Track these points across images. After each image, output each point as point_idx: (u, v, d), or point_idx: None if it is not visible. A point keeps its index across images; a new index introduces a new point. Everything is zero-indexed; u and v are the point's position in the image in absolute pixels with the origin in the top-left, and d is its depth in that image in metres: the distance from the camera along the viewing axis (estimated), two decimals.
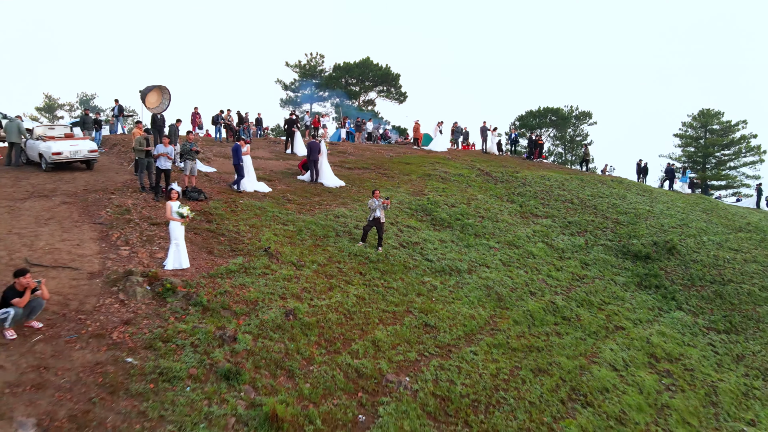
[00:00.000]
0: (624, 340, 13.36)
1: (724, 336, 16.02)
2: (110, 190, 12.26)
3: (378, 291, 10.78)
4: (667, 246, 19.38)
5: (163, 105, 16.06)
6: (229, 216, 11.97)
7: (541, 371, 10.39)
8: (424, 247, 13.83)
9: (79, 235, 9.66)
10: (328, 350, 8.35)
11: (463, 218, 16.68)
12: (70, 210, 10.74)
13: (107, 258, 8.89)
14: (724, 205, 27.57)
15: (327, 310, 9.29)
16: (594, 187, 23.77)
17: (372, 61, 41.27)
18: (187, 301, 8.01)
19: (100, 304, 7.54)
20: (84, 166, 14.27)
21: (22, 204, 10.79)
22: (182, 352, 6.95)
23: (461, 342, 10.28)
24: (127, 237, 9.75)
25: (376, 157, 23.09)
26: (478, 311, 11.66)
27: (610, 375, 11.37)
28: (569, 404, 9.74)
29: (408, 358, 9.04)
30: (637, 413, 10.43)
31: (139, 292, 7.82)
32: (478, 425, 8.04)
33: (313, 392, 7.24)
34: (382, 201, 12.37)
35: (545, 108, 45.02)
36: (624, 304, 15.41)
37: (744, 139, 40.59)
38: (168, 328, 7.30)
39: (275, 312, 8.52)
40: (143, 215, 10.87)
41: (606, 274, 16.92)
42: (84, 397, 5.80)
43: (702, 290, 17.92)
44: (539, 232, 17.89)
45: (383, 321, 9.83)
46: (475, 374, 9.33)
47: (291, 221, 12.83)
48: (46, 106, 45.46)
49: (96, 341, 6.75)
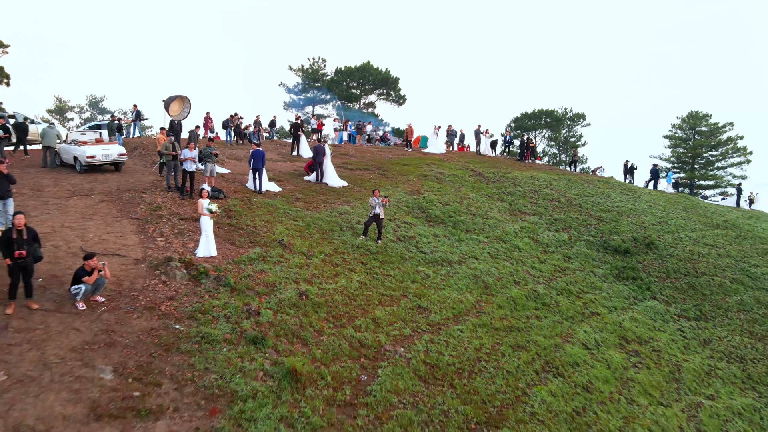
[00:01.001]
0: (598, 324, 14.89)
1: (693, 323, 17.57)
2: (140, 189, 13.83)
3: (377, 278, 12.34)
4: (645, 241, 20.92)
5: (184, 113, 17.61)
6: (246, 212, 13.52)
7: (519, 347, 11.94)
8: (419, 240, 15.38)
9: (121, 228, 11.23)
10: (335, 324, 9.90)
11: (455, 215, 18.23)
12: (109, 207, 12.30)
13: (147, 247, 10.46)
14: (705, 203, 29.11)
15: (333, 293, 10.85)
16: (580, 187, 25.30)
17: (372, 66, 42.85)
18: (218, 283, 9.57)
19: (147, 284, 9.11)
20: (113, 168, 15.83)
21: (67, 202, 12.34)
22: (217, 321, 8.51)
23: (450, 322, 11.83)
24: (162, 230, 11.32)
25: (376, 159, 24.63)
26: (465, 296, 13.22)
27: (581, 352, 12.92)
28: (542, 374, 11.29)
29: (403, 333, 10.59)
30: (603, 384, 11.97)
31: (178, 275, 9.38)
32: (461, 387, 9.59)
33: (323, 356, 8.79)
34: (382, 199, 13.91)
35: (540, 110, 46.53)
36: (601, 293, 16.95)
37: (731, 141, 42.12)
38: (204, 303, 8.86)
39: (290, 293, 10.08)
40: (173, 211, 12.44)
41: (586, 266, 18.46)
42: (145, 353, 7.37)
43: (676, 282, 19.46)
44: (526, 228, 19.44)
45: (382, 303, 11.39)
46: (461, 348, 10.89)
47: (300, 217, 14.39)
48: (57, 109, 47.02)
49: (148, 312, 8.31)
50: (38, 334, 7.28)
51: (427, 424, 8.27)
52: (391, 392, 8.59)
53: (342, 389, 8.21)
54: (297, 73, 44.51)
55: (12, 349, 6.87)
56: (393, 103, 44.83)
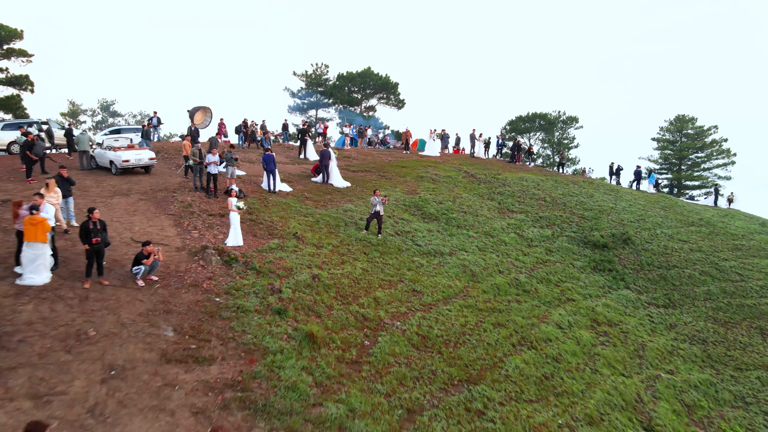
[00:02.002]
0: (572, 308, 16.86)
1: (662, 309, 19.55)
2: (171, 190, 15.82)
3: (378, 266, 14.33)
4: (623, 237, 22.89)
5: (206, 122, 19.63)
6: (264, 210, 15.51)
7: (499, 325, 13.92)
8: (415, 235, 17.37)
9: (160, 222, 13.22)
10: (343, 302, 11.89)
11: (448, 213, 20.22)
12: (147, 205, 14.29)
13: (184, 238, 12.45)
14: (683, 202, 31.08)
15: (341, 277, 12.83)
16: (566, 187, 27.28)
17: (372, 71, 44.85)
18: (246, 267, 11.56)
19: (189, 267, 11.10)
20: (143, 171, 17.80)
21: (111, 200, 14.32)
22: (248, 296, 10.51)
23: (439, 303, 13.80)
24: (194, 224, 13.31)
25: (377, 162, 26.61)
26: (454, 283, 15.20)
27: (555, 331, 14.89)
28: (518, 347, 13.26)
29: (399, 310, 12.57)
30: (572, 356, 13.94)
31: (213, 260, 11.37)
32: (447, 354, 11.57)
33: (333, 325, 10.78)
34: (382, 198, 15.89)
35: (534, 113, 48.50)
36: (578, 283, 18.92)
37: (716, 143, 44.07)
38: (236, 283, 10.86)
39: (305, 276, 12.07)
40: (202, 209, 14.43)
41: (567, 259, 20.43)
42: (195, 318, 9.37)
43: (649, 273, 21.42)
44: (513, 225, 21.42)
45: (382, 286, 13.37)
46: (448, 323, 12.86)
47: (310, 214, 16.38)
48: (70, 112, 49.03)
49: (193, 288, 10.30)
50: (112, 303, 9.28)
51: (418, 380, 10.25)
52: (388, 355, 10.58)
53: (349, 350, 10.20)
54: (301, 78, 46.59)
55: (95, 313, 8.86)
56: (392, 107, 46.88)
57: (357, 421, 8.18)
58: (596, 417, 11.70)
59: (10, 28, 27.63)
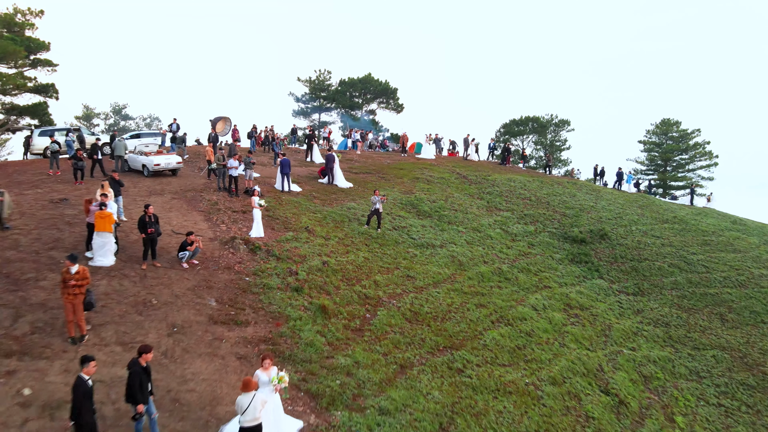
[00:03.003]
0: (548, 294, 19.20)
1: (631, 297, 21.87)
2: (198, 190, 18.19)
3: (377, 255, 16.69)
4: (600, 233, 25.23)
5: (226, 130, 21.99)
6: (279, 207, 17.87)
7: (481, 306, 16.26)
8: (410, 229, 19.73)
9: (193, 217, 15.59)
10: (348, 283, 14.25)
11: (440, 211, 22.58)
12: (180, 203, 16.65)
13: (215, 230, 14.82)
14: (660, 201, 33.43)
15: (346, 263, 15.19)
16: (551, 188, 29.62)
17: (373, 77, 47.24)
18: (268, 254, 13.93)
19: (221, 254, 13.47)
20: (171, 173, 20.14)
21: (148, 198, 16.67)
22: (272, 277, 12.88)
23: (430, 286, 16.16)
24: (222, 219, 15.68)
25: (377, 164, 28.97)
26: (443, 270, 17.56)
27: (530, 312, 17.22)
28: (496, 323, 15.61)
29: (395, 291, 14.92)
30: (543, 333, 16.29)
31: (241, 248, 13.74)
32: (435, 326, 13.92)
33: (341, 301, 13.14)
34: (381, 197, 18.22)
35: (526, 117, 50.84)
36: (555, 272, 21.26)
37: (698, 146, 46.42)
38: (261, 266, 13.23)
39: (316, 262, 14.43)
40: (226, 206, 16.80)
41: (547, 252, 22.77)
42: (232, 292, 11.74)
43: (622, 265, 23.75)
44: (499, 222, 23.78)
45: (380, 272, 15.73)
46: (437, 303, 15.21)
47: (318, 211, 18.75)
48: (84, 115, 51.42)
49: (228, 270, 12.68)
50: (165, 280, 11.65)
51: (409, 344, 12.61)
52: (386, 325, 12.94)
53: (354, 321, 12.56)
54: (305, 83, 48.93)
55: (153, 287, 11.23)
56: (392, 111, 49.26)
57: (360, 370, 10.54)
58: (559, 379, 14.05)
59: (39, 40, 29.95)
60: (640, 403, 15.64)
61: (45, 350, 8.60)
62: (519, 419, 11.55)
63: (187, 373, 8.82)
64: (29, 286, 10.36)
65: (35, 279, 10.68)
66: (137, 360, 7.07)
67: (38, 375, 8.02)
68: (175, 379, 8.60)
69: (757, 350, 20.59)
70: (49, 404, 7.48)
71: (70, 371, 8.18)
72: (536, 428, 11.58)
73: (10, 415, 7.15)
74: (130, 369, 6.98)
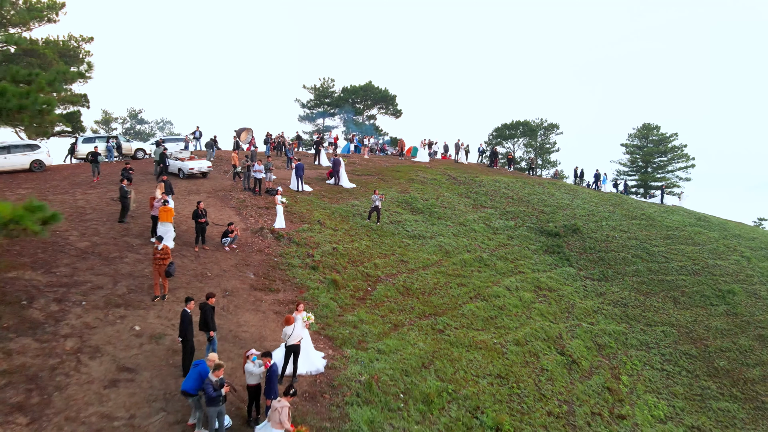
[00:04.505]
0: (521, 278, 22.71)
1: (595, 282, 25.36)
2: (227, 190, 21.73)
3: (377, 243, 20.21)
4: (572, 228, 28.73)
5: (248, 139, 25.49)
6: (294, 204, 21.39)
7: (462, 285, 19.77)
8: (405, 223, 23.25)
9: (226, 212, 19.12)
10: (353, 265, 17.76)
11: (431, 208, 26.10)
12: (214, 200, 20.18)
13: (246, 222, 18.35)
14: (631, 200, 36.93)
15: (351, 249, 18.72)
16: (532, 188, 33.14)
17: (373, 85, 50.81)
18: (289, 241, 17.46)
19: (253, 241, 17.01)
20: (201, 176, 23.66)
21: (188, 197, 20.20)
22: (294, 258, 16.41)
23: (420, 269, 19.67)
24: (250, 213, 19.22)
25: (377, 167, 32.49)
26: (432, 257, 21.08)
27: (504, 291, 20.74)
28: (474, 299, 19.12)
29: (391, 272, 18.44)
30: (513, 307, 19.80)
31: (268, 236, 17.27)
32: (422, 299, 17.44)
33: (348, 278, 16.66)
34: (380, 196, 21.71)
35: (517, 121, 54.35)
36: (530, 260, 24.77)
37: (676, 148, 49.92)
38: (285, 250, 16.77)
39: (328, 247, 17.96)
40: (253, 203, 20.34)
41: (524, 244, 26.27)
42: (265, 269, 15.29)
43: (590, 256, 27.24)
44: (483, 217, 27.29)
45: (379, 257, 19.24)
46: (425, 282, 18.72)
47: (327, 207, 22.28)
48: (103, 120, 54.96)
49: (259, 253, 16.22)
50: (214, 259, 15.19)
51: (401, 311, 16.12)
52: (383, 296, 16.46)
53: (358, 292, 16.09)
54: (310, 90, 52.52)
55: (206, 264, 14.77)
56: (391, 116, 52.80)
57: (364, 325, 14.06)
58: (522, 342, 17.58)
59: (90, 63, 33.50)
60: (591, 363, 19.17)
61: (141, 303, 12.14)
62: (485, 366, 15.08)
63: (240, 321, 12.36)
64: (117, 262, 13.90)
65: (119, 257, 14.22)
66: (206, 302, 10.59)
67: (141, 318, 11.56)
68: (233, 324, 12.14)
69: (702, 327, 24.13)
70: (153, 335, 11.02)
71: (161, 316, 11.73)
72: (498, 373, 15.11)
73: (130, 342, 10.69)
74: (202, 308, 10.50)
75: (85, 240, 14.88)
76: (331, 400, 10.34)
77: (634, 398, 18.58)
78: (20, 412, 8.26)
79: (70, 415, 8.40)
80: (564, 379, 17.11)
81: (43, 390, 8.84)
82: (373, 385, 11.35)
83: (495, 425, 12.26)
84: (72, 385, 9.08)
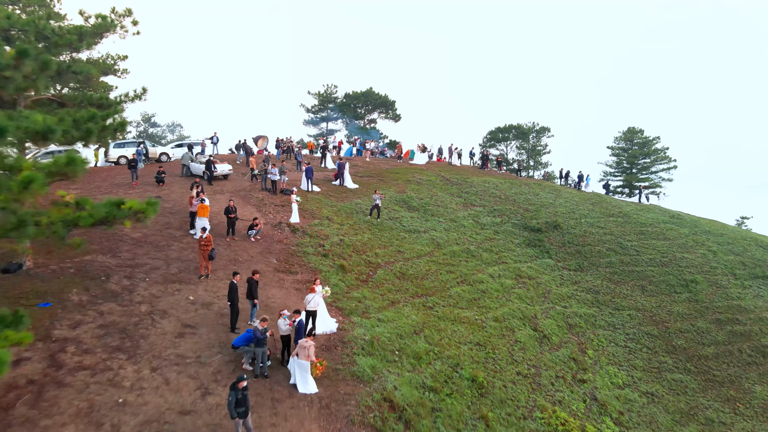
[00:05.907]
0: (503, 267, 25.90)
1: (572, 272, 28.54)
2: (247, 190, 24.93)
3: (377, 236, 23.42)
4: (553, 224, 31.90)
5: (264, 145, 28.69)
6: (306, 202, 24.59)
7: (450, 272, 22.96)
8: (401, 219, 26.46)
9: (249, 209, 22.33)
10: (357, 254, 20.96)
11: (426, 206, 29.30)
12: (237, 199, 23.38)
13: (266, 218, 21.56)
14: (610, 199, 40.12)
15: (355, 241, 21.92)
16: (519, 188, 36.33)
17: (374, 91, 54.04)
18: (304, 233, 20.66)
19: (273, 233, 20.22)
20: (223, 177, 26.86)
21: (214, 196, 23.38)
22: (308, 247, 19.62)
23: (414, 258, 22.86)
24: (269, 210, 22.42)
25: (377, 169, 35.68)
26: (425, 248, 24.27)
27: (487, 278, 23.93)
28: (460, 283, 22.30)
29: (390, 260, 21.63)
30: (494, 291, 22.99)
31: (286, 229, 20.48)
32: (416, 283, 20.63)
33: (353, 264, 19.85)
34: (380, 196, 24.89)
35: (510, 125, 57.55)
36: (513, 253, 27.95)
37: (659, 151, 53.12)
38: (300, 241, 19.98)
39: (336, 239, 21.16)
40: (270, 201, 23.55)
41: (508, 238, 29.46)
42: (285, 254, 18.52)
43: (568, 249, 30.41)
44: (472, 215, 30.48)
45: (379, 247, 22.44)
46: (418, 269, 21.92)
47: (334, 205, 25.49)
48: None
49: (279, 243, 19.44)
50: (242, 247, 18.40)
51: (398, 291, 19.32)
52: (383, 279, 19.65)
53: (361, 276, 19.29)
54: (314, 96, 55.77)
55: (237, 251, 17.98)
56: (390, 121, 56.03)
57: (367, 301, 17.26)
58: (500, 318, 20.77)
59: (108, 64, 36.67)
60: (561, 339, 22.36)
61: (190, 280, 15.35)
62: (467, 336, 18.28)
63: (269, 294, 15.57)
64: (166, 249, 17.11)
65: (167, 245, 17.43)
66: (252, 277, 13.79)
67: (192, 291, 14.76)
68: (264, 296, 15.35)
69: (665, 312, 27.29)
70: (204, 304, 14.23)
71: (208, 290, 14.93)
72: (478, 342, 18.31)
73: (187, 307, 13.89)
74: (249, 281, 13.70)
75: (137, 232, 18.09)
76: (342, 351, 13.55)
77: (597, 368, 21.76)
78: (120, 351, 11.46)
79: (155, 353, 11.60)
80: (535, 350, 20.30)
81: (132, 338, 12.04)
82: (375, 343, 14.55)
83: (471, 377, 15.45)
84: (152, 335, 12.28)
